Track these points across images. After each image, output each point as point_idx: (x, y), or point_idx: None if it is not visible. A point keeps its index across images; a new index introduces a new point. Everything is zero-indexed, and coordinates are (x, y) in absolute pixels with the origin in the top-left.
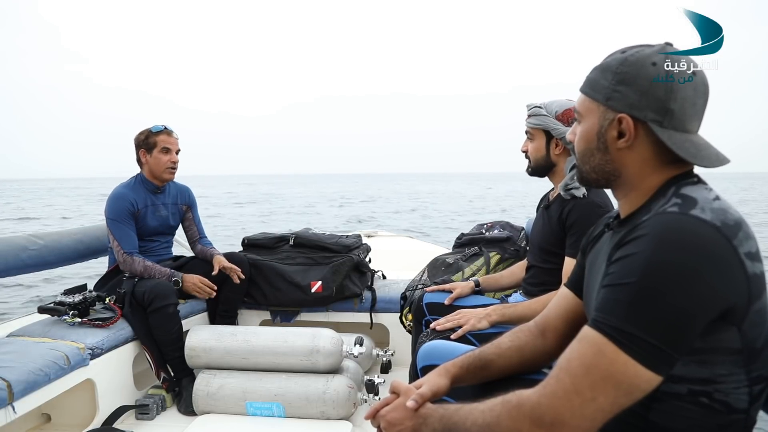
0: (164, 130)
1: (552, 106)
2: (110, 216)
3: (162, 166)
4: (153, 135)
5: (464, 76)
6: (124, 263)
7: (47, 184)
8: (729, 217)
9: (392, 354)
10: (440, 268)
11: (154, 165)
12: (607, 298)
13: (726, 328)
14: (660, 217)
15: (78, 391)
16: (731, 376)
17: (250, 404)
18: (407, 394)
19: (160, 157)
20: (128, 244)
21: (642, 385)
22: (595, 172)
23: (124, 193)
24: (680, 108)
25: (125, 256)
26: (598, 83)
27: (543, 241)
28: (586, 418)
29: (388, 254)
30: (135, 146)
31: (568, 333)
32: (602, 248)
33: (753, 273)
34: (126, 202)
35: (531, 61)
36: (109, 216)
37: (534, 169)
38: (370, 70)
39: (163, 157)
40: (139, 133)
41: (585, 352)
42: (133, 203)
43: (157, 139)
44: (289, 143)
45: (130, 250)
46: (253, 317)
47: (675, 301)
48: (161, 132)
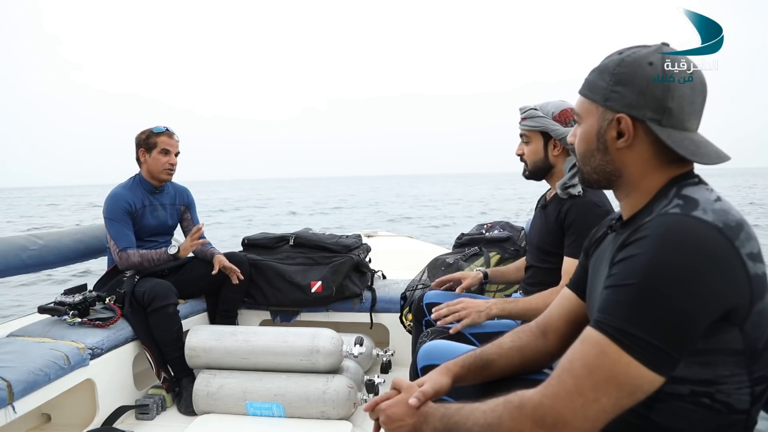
0: (166, 131)
1: (548, 107)
2: (107, 215)
3: (160, 167)
4: (154, 135)
5: (475, 74)
6: (121, 261)
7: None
8: (730, 218)
9: (392, 354)
10: (440, 268)
11: (153, 165)
12: (609, 299)
13: (728, 329)
14: (662, 219)
15: (78, 391)
16: (733, 376)
17: (250, 404)
18: (409, 390)
19: (159, 157)
20: (123, 241)
21: (644, 386)
22: (596, 173)
23: (122, 193)
24: (678, 106)
25: (120, 253)
26: (596, 85)
27: (541, 241)
28: (588, 418)
29: (388, 254)
30: (135, 145)
31: (569, 334)
32: (605, 250)
33: (755, 274)
34: (123, 202)
35: (540, 58)
36: (106, 215)
37: (531, 172)
38: (381, 72)
39: (161, 158)
40: (140, 132)
41: (587, 353)
42: (130, 203)
43: (157, 139)
44: (305, 147)
45: (124, 247)
46: (253, 317)
47: (677, 302)
48: (162, 133)
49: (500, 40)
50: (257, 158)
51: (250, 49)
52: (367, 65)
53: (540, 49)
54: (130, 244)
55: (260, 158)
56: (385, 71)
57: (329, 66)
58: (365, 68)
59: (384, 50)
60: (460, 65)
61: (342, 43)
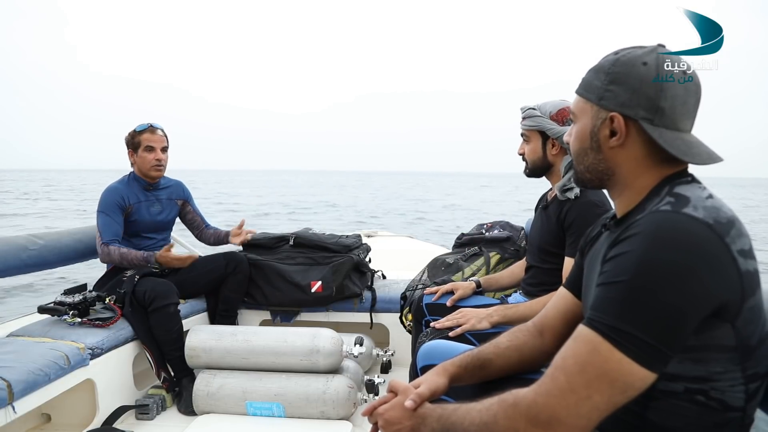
0: (148, 128)
1: (546, 107)
2: (99, 208)
3: (147, 165)
4: (137, 134)
5: (506, 70)
6: (102, 253)
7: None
8: (722, 214)
9: (392, 354)
10: (440, 268)
11: (141, 163)
12: (601, 296)
13: (719, 325)
14: (653, 216)
15: (78, 391)
16: (727, 373)
17: (250, 404)
18: (405, 393)
19: (145, 155)
20: (109, 233)
21: (636, 382)
22: (589, 171)
23: (118, 188)
24: (671, 106)
25: (103, 246)
26: (592, 84)
27: (542, 241)
28: (581, 416)
29: (388, 254)
30: (126, 145)
31: (566, 333)
32: (600, 248)
33: (746, 270)
34: (117, 196)
35: (568, 55)
36: (98, 209)
37: (531, 171)
38: (410, 68)
39: (147, 156)
40: (127, 134)
41: (580, 351)
42: (125, 198)
43: (141, 138)
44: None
45: (109, 239)
46: (253, 317)
47: (667, 298)
48: (145, 131)
49: (532, 35)
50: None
51: (282, 47)
52: (397, 61)
53: (571, 45)
54: (116, 237)
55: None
56: (414, 67)
57: (358, 62)
58: (394, 64)
59: (413, 46)
60: (489, 62)
61: (372, 39)
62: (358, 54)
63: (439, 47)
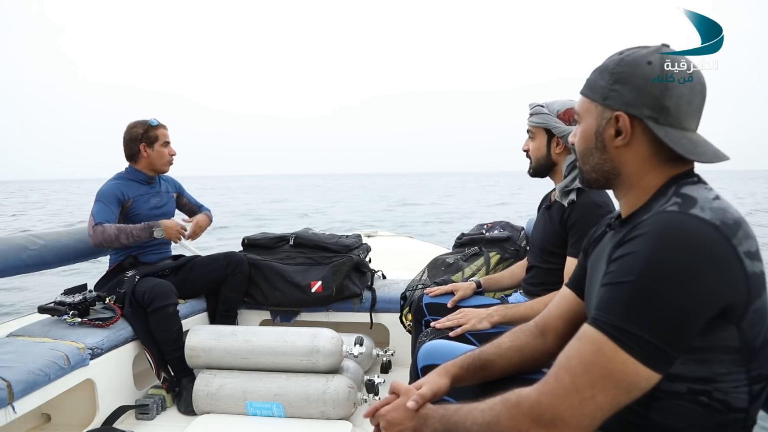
0: (161, 124)
1: (554, 105)
2: (96, 198)
3: (164, 159)
4: (153, 129)
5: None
6: (95, 234)
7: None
8: (728, 216)
9: (392, 354)
10: (440, 268)
11: (157, 158)
12: (606, 296)
13: (725, 326)
14: (659, 216)
15: (78, 391)
16: (730, 375)
17: (250, 404)
18: (407, 394)
19: (162, 150)
20: (101, 216)
21: (641, 383)
22: (595, 171)
23: (116, 183)
24: (676, 105)
25: (96, 227)
26: (596, 84)
27: (544, 241)
28: (585, 416)
29: (388, 254)
30: (131, 140)
31: (568, 333)
32: (604, 248)
33: (752, 272)
34: (116, 189)
35: (574, 52)
36: (95, 199)
37: (535, 170)
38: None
39: (164, 150)
40: (132, 128)
41: (584, 350)
42: (123, 192)
43: (157, 132)
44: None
45: (101, 221)
46: (253, 317)
47: (673, 299)
48: (160, 126)
49: (537, 32)
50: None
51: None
52: (404, 63)
53: (578, 41)
54: (109, 219)
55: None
56: (421, 68)
57: (365, 65)
58: (401, 66)
59: (420, 48)
60: (495, 60)
61: (378, 42)
62: (365, 57)
63: (445, 47)
